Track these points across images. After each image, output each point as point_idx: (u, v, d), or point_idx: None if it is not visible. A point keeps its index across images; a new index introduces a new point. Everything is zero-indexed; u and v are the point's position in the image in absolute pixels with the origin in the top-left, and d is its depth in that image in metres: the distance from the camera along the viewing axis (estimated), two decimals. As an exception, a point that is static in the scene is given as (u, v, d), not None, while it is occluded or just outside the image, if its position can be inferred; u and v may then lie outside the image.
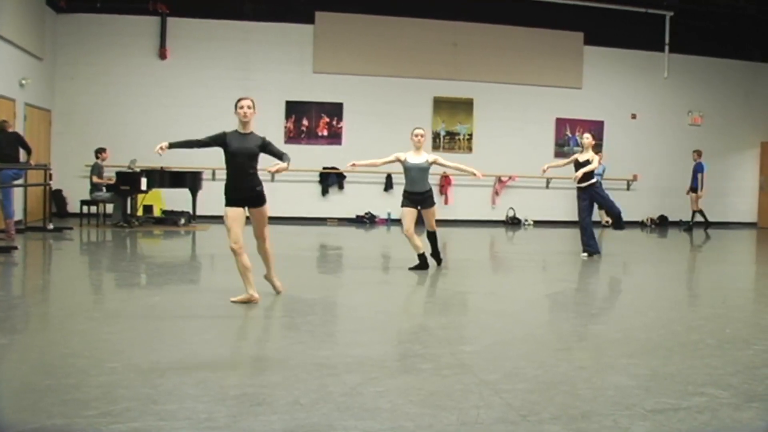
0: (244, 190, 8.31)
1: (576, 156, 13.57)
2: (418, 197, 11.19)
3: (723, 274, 12.75)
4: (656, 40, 23.20)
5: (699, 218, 21.89)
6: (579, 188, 13.54)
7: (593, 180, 13.37)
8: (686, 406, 4.92)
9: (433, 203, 11.36)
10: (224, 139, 8.32)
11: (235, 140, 8.31)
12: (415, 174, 11.13)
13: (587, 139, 13.54)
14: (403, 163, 11.18)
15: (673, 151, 23.32)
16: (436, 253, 11.69)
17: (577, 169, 13.42)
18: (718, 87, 24.15)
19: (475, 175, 11.55)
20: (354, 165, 11.31)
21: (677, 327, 7.79)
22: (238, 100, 8.41)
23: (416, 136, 11.24)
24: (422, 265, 11.28)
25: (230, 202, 8.29)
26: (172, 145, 8.44)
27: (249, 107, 8.37)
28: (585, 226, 13.60)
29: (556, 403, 4.97)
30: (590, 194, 13.45)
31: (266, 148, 8.51)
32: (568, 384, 5.42)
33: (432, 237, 11.61)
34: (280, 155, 8.43)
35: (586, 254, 13.56)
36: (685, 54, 23.44)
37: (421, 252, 11.26)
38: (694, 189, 21.86)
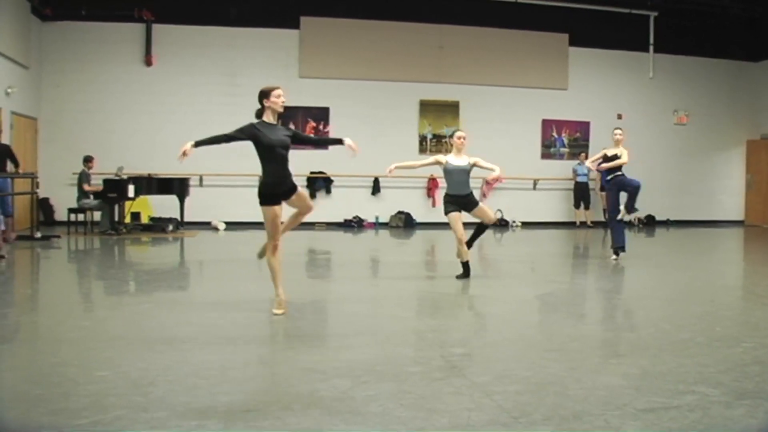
0: (285, 183, 7.98)
1: (605, 151, 13.54)
2: (462, 200, 10.94)
3: (711, 272, 12.79)
4: (641, 40, 23.33)
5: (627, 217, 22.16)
6: (607, 182, 13.52)
7: (619, 173, 13.38)
8: (677, 404, 4.94)
9: (477, 202, 11.12)
10: (254, 132, 7.86)
11: (268, 132, 7.88)
12: (457, 176, 10.92)
13: (619, 135, 13.54)
14: (444, 165, 10.96)
15: (660, 150, 23.42)
16: (471, 241, 11.33)
17: (605, 161, 13.45)
18: (703, 86, 24.27)
19: (493, 177, 11.33)
20: (393, 170, 10.90)
21: (667, 326, 7.82)
22: (272, 89, 8.05)
23: (458, 138, 11.09)
24: (466, 273, 10.98)
25: (271, 199, 7.92)
26: (198, 144, 7.85)
27: (283, 96, 8.06)
28: (615, 225, 13.62)
29: (547, 404, 4.98)
30: (618, 184, 13.44)
31: (297, 136, 8.31)
32: (559, 385, 5.43)
33: (482, 229, 11.34)
34: (314, 141, 8.26)
35: (615, 256, 13.53)
36: (669, 54, 23.59)
37: (467, 260, 11.00)
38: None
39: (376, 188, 21.41)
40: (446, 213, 10.95)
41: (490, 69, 22.36)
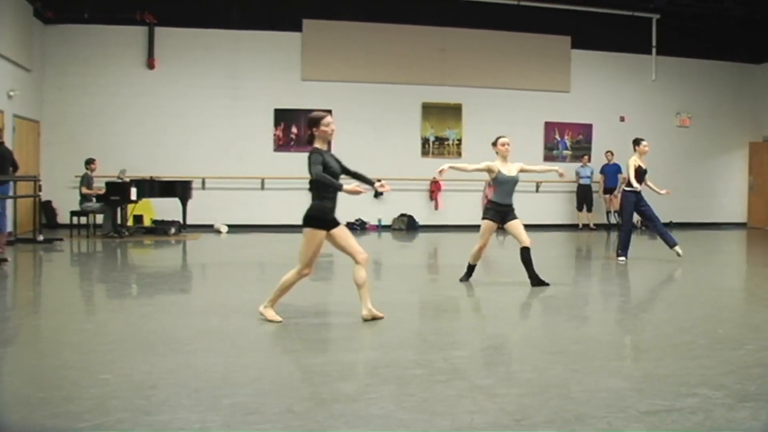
0: (335, 210, 7.91)
1: (638, 163, 13.58)
2: (506, 209, 10.61)
3: (714, 275, 12.78)
4: (643, 42, 23.32)
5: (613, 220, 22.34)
6: (637, 194, 13.61)
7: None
8: (679, 407, 4.94)
9: (516, 216, 10.71)
10: (324, 158, 7.64)
11: (329, 159, 7.74)
12: (510, 187, 10.61)
13: (646, 146, 13.61)
14: (497, 175, 10.51)
15: (662, 153, 23.33)
16: (535, 280, 10.58)
17: (641, 176, 13.55)
18: (705, 88, 24.26)
19: (559, 173, 11.10)
20: (446, 170, 10.50)
21: (669, 328, 7.81)
22: (321, 117, 7.79)
23: (503, 145, 10.61)
24: (469, 274, 10.93)
25: (322, 224, 7.77)
26: (339, 189, 7.63)
27: (333, 124, 7.86)
28: (629, 230, 13.82)
29: (549, 406, 4.98)
30: (644, 206, 13.72)
31: (343, 168, 8.04)
32: (561, 387, 5.43)
33: (526, 256, 10.60)
34: (358, 176, 8.14)
35: (624, 258, 13.68)
36: (672, 56, 23.57)
37: (475, 264, 10.89)
38: (611, 190, 22.16)
39: (377, 191, 21.34)
40: (483, 218, 10.70)
41: (492, 71, 22.36)
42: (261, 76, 21.13)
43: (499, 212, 10.54)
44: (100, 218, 17.95)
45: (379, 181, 8.20)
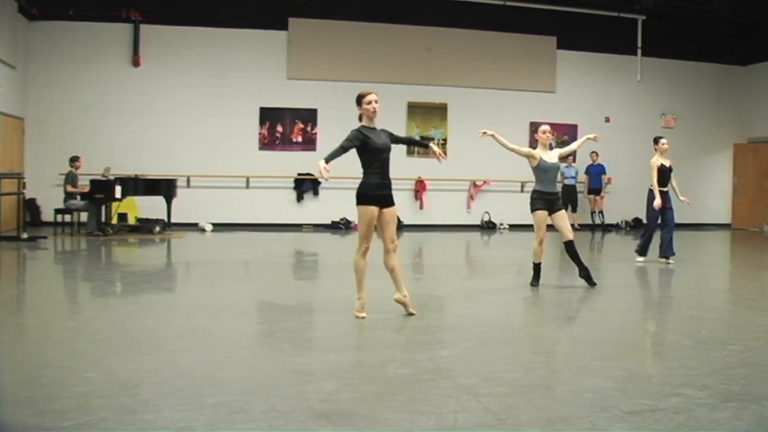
0: (388, 186, 7.99)
1: (661, 162, 13.56)
2: (552, 198, 10.54)
3: (698, 276, 12.84)
4: (629, 43, 23.44)
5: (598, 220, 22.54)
6: (664, 192, 13.56)
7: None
8: (663, 407, 4.96)
9: (562, 206, 10.69)
10: (361, 137, 7.86)
11: (373, 136, 7.91)
12: (553, 174, 10.58)
13: (665, 144, 13.63)
14: (540, 162, 10.43)
15: (647, 153, 23.02)
16: (585, 270, 10.59)
17: (665, 175, 13.56)
18: (690, 89, 24.38)
19: (593, 138, 11.46)
20: (487, 133, 10.63)
21: (653, 329, 7.86)
22: (364, 95, 8.07)
23: (544, 133, 10.71)
24: (538, 275, 10.65)
25: (374, 200, 7.88)
26: (327, 160, 7.71)
27: (376, 102, 8.04)
28: (653, 230, 13.76)
29: (534, 406, 5.00)
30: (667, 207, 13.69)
31: (393, 137, 8.24)
32: (545, 387, 5.46)
33: (572, 249, 10.51)
34: (414, 141, 8.33)
35: (641, 258, 13.74)
36: (657, 57, 23.70)
37: (540, 262, 10.64)
38: (596, 191, 22.29)
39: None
40: (533, 210, 10.50)
41: (478, 71, 22.39)
42: (247, 74, 21.09)
43: (548, 201, 10.45)
44: (84, 216, 17.88)
45: (433, 140, 8.43)
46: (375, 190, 7.89)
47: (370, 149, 7.86)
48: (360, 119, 8.07)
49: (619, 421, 4.69)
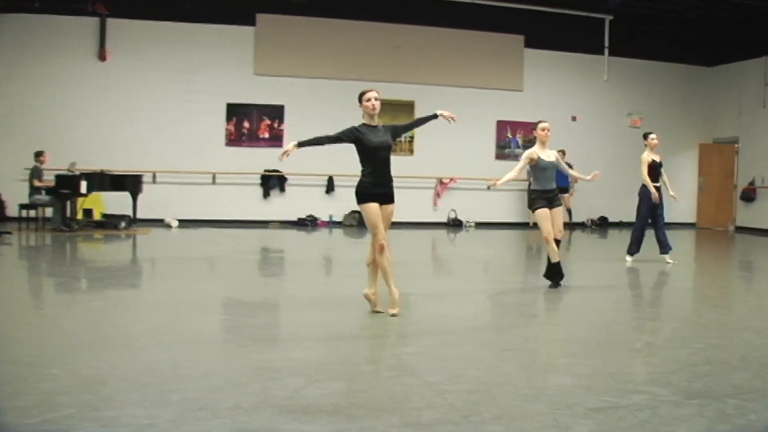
0: (385, 185, 8.01)
1: (651, 157, 13.60)
2: (551, 195, 10.37)
3: (663, 274, 12.96)
4: (596, 43, 23.57)
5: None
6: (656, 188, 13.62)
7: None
8: (626, 404, 5.01)
9: (560, 202, 10.55)
10: (357, 135, 7.92)
11: (370, 134, 7.97)
12: (551, 173, 10.48)
13: (654, 139, 13.65)
14: (537, 162, 10.31)
15: (614, 152, 23.58)
16: (552, 273, 10.48)
17: (655, 171, 13.64)
18: (657, 90, 24.57)
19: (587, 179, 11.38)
20: (499, 183, 10.39)
21: (619, 327, 7.92)
22: (364, 93, 8.19)
23: (542, 130, 10.63)
24: (559, 275, 10.38)
25: (371, 197, 7.91)
26: (301, 145, 7.80)
27: (376, 99, 8.13)
28: (644, 227, 13.91)
29: (498, 403, 5.03)
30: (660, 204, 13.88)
31: (397, 131, 8.36)
32: (509, 384, 5.49)
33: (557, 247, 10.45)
34: (421, 120, 8.44)
35: (629, 257, 13.78)
36: (624, 57, 23.86)
37: (558, 261, 10.34)
38: (564, 189, 22.43)
39: (330, 187, 21.36)
40: (534, 209, 10.38)
41: (445, 69, 22.41)
42: (214, 70, 20.99)
43: (547, 198, 10.35)
44: (49, 211, 17.72)
45: (440, 114, 8.51)
46: (370, 189, 7.93)
47: (364, 147, 7.92)
48: (363, 117, 8.15)
49: (582, 417, 4.73)
